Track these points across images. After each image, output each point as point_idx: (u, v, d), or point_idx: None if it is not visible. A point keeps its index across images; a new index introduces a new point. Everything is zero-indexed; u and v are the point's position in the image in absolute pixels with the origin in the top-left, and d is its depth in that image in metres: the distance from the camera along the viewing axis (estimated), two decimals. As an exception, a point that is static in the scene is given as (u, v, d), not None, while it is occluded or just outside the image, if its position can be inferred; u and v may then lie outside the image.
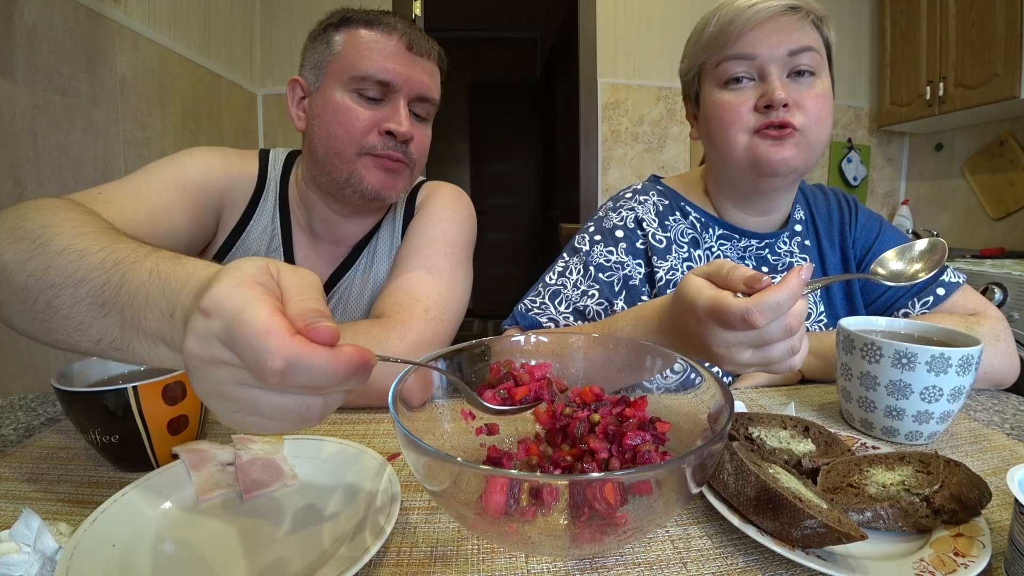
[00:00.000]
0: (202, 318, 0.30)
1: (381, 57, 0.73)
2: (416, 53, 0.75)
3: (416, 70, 0.76)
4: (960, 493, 0.40)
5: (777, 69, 0.71)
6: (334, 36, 0.76)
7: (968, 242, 2.56)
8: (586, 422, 0.43)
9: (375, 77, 0.73)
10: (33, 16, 1.34)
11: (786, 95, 0.70)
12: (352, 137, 0.74)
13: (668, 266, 0.80)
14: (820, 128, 0.73)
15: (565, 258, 0.84)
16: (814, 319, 0.83)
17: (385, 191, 0.78)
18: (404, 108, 0.75)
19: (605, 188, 2.70)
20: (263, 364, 0.27)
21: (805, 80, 0.72)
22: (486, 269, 5.00)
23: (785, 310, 0.43)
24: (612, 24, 2.61)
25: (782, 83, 0.71)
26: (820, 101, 0.72)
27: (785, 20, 0.71)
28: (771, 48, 0.71)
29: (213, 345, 0.29)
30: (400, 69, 0.74)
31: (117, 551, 0.37)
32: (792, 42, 0.70)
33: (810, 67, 0.72)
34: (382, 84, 0.74)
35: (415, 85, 0.76)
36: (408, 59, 0.75)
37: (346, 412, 0.65)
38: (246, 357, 0.28)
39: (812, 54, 0.71)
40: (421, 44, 0.76)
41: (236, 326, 0.28)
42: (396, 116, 0.75)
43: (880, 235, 0.85)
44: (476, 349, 0.49)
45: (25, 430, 0.60)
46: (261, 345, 0.27)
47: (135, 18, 1.73)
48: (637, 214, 0.83)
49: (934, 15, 2.33)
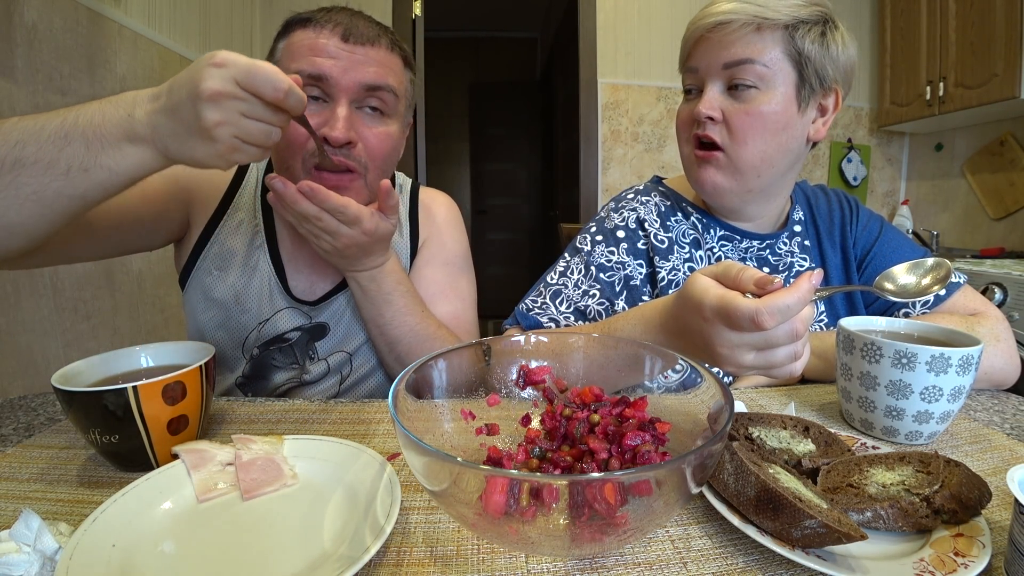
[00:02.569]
0: (216, 69, 0.48)
1: (312, 53, 0.67)
2: (355, 43, 0.68)
3: (355, 60, 0.68)
4: (960, 493, 0.40)
5: (716, 83, 0.71)
6: (278, 44, 0.72)
7: (968, 242, 2.56)
8: (586, 422, 0.43)
9: (305, 72, 0.66)
10: (33, 16, 1.34)
11: (711, 109, 0.70)
12: (293, 150, 0.69)
13: (670, 266, 0.79)
14: (744, 148, 0.70)
15: (566, 258, 0.84)
16: (814, 319, 0.83)
17: None
18: (344, 108, 0.68)
19: (605, 188, 2.70)
20: (279, 86, 0.50)
21: (742, 95, 0.70)
22: (486, 269, 5.00)
23: (794, 314, 0.43)
24: (612, 24, 2.61)
25: (712, 96, 0.70)
26: (751, 119, 0.69)
27: (723, 32, 0.68)
28: (708, 61, 0.70)
29: (229, 83, 0.48)
30: (332, 63, 0.67)
31: (117, 551, 0.37)
32: (728, 55, 0.69)
33: (747, 81, 0.69)
34: (315, 79, 0.67)
35: (356, 75, 0.68)
36: (344, 50, 0.67)
37: (346, 412, 0.65)
38: (264, 87, 0.50)
39: (755, 67, 0.68)
40: (361, 32, 0.69)
41: (254, 68, 0.49)
42: (330, 119, 0.67)
43: (881, 235, 0.85)
44: (476, 349, 0.49)
45: (25, 430, 0.60)
46: (276, 76, 0.50)
47: (135, 18, 1.73)
48: (639, 214, 0.83)
49: (934, 15, 2.33)
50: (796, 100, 0.70)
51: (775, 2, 0.68)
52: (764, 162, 0.72)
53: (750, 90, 0.69)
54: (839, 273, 0.85)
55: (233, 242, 0.80)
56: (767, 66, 0.68)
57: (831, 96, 0.73)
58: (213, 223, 0.80)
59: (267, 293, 0.81)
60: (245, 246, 0.81)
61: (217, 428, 0.60)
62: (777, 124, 0.70)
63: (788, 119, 0.71)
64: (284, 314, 0.81)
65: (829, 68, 0.70)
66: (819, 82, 0.71)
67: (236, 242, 0.80)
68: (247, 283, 0.80)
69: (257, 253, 0.81)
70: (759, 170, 0.73)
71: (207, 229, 0.80)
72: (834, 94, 0.73)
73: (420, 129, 2.58)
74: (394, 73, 0.72)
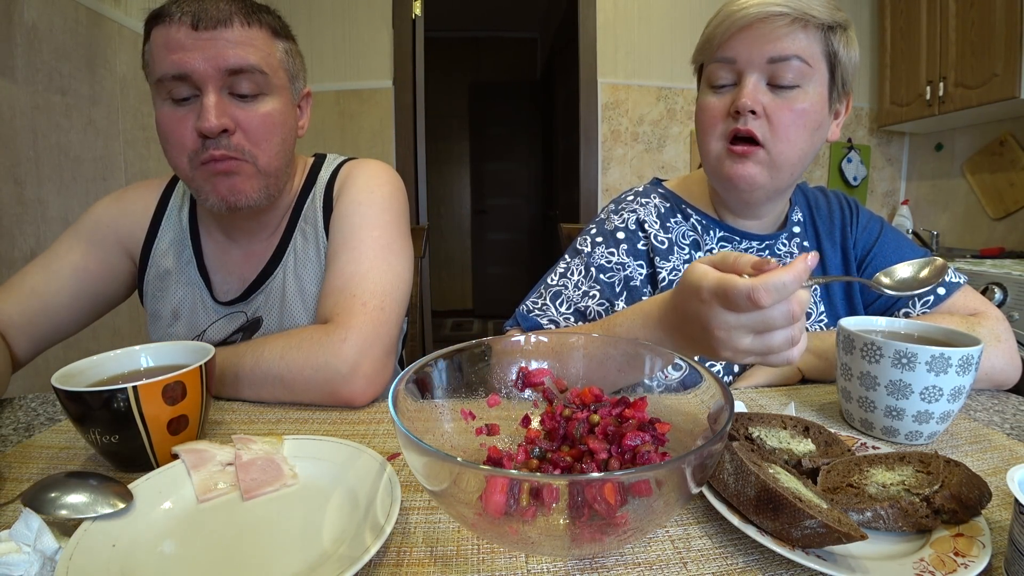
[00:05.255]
0: None
1: (168, 51, 0.65)
2: (205, 28, 0.65)
3: (209, 46, 0.65)
4: (960, 493, 0.40)
5: (755, 75, 0.69)
6: (145, 47, 0.69)
7: (968, 242, 2.56)
8: (585, 423, 0.43)
9: (168, 74, 0.65)
10: (33, 16, 1.34)
11: (755, 102, 0.68)
12: (176, 150, 0.68)
13: (671, 267, 0.80)
14: (786, 145, 0.70)
15: (567, 260, 0.85)
16: (814, 319, 0.83)
17: (232, 198, 0.70)
18: (212, 97, 0.66)
19: (605, 188, 2.70)
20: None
21: (785, 92, 0.69)
22: (486, 269, 5.01)
23: (790, 292, 0.43)
24: (612, 24, 2.61)
25: (755, 89, 0.69)
26: (793, 116, 0.69)
27: (772, 25, 0.67)
28: (750, 53, 0.69)
29: None
30: (189, 56, 0.64)
31: (117, 551, 0.37)
32: (774, 49, 0.67)
33: (791, 78, 0.68)
34: (181, 79, 0.65)
35: (214, 63, 0.65)
36: (195, 39, 0.65)
37: (346, 412, 0.65)
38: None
39: (798, 64, 0.68)
40: (210, 15, 0.65)
41: None
42: (201, 112, 0.66)
43: (881, 236, 0.85)
44: (476, 349, 0.49)
45: (25, 430, 0.60)
46: None
47: (135, 18, 1.73)
48: (639, 216, 0.83)
49: (934, 15, 2.33)
50: (828, 100, 0.72)
51: (816, 2, 0.68)
52: (800, 160, 0.72)
53: (792, 88, 0.69)
54: (838, 272, 0.86)
55: (166, 262, 0.83)
56: (810, 64, 0.68)
57: (845, 99, 0.75)
58: (147, 248, 0.84)
59: (200, 304, 0.83)
60: (176, 263, 0.83)
61: (217, 428, 0.60)
62: (814, 123, 0.70)
63: (822, 119, 0.72)
64: (220, 324, 0.83)
65: (850, 71, 0.72)
66: (843, 84, 0.72)
67: (168, 261, 0.83)
68: (182, 298, 0.83)
69: (188, 268, 0.83)
70: (794, 168, 0.72)
71: (143, 255, 0.84)
72: (847, 97, 0.75)
73: (420, 129, 2.58)
74: (256, 49, 0.68)
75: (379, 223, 0.79)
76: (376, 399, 0.68)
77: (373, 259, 0.75)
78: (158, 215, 0.84)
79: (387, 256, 0.76)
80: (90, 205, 0.85)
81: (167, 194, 0.86)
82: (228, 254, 0.83)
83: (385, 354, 0.70)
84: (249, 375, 0.67)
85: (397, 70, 2.52)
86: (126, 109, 1.70)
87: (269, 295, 0.82)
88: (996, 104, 2.09)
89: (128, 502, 0.41)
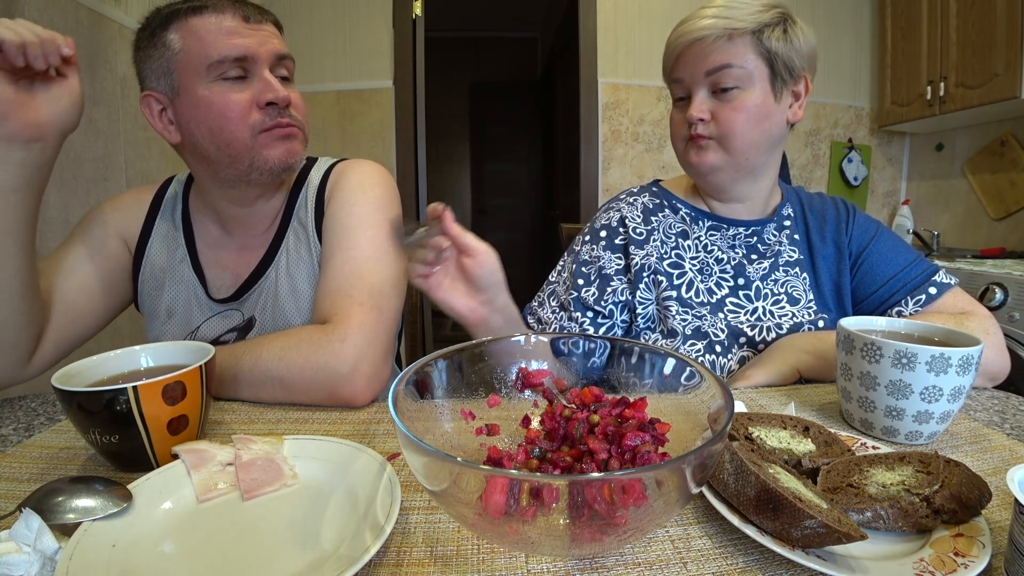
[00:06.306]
0: None
1: (226, 36, 0.71)
2: (255, 22, 0.74)
3: (262, 36, 0.74)
4: (960, 493, 0.40)
5: (701, 89, 0.81)
6: (167, 36, 0.73)
7: (969, 242, 2.56)
8: (585, 423, 0.43)
9: (231, 56, 0.71)
10: (33, 16, 1.34)
11: (701, 112, 0.80)
12: (238, 123, 0.73)
13: (644, 253, 0.87)
14: (735, 137, 0.80)
15: (563, 259, 0.93)
16: (803, 305, 0.86)
17: (290, 159, 0.77)
18: (270, 76, 0.74)
19: (605, 188, 2.70)
20: None
21: (727, 95, 0.79)
22: (486, 269, 5.00)
23: None
24: (612, 24, 2.61)
25: (700, 101, 0.81)
26: (736, 114, 0.79)
27: (703, 44, 0.78)
28: (692, 71, 0.81)
29: None
30: (249, 41, 0.72)
31: (117, 551, 0.37)
32: (708, 63, 0.79)
33: (731, 83, 0.78)
34: (240, 61, 0.72)
35: (269, 48, 0.74)
36: (250, 29, 0.74)
37: (346, 412, 0.65)
38: None
39: (733, 71, 0.78)
40: (255, 14, 0.75)
41: None
42: (268, 86, 0.73)
43: (877, 236, 0.88)
44: (476, 349, 0.49)
45: (25, 430, 0.60)
46: None
47: (135, 18, 1.73)
48: (623, 214, 0.91)
49: (934, 15, 2.33)
50: (772, 92, 0.80)
51: (740, 12, 0.77)
52: (754, 145, 0.82)
53: (732, 91, 0.79)
54: (830, 264, 0.89)
55: (160, 259, 0.84)
56: (743, 67, 0.78)
57: (801, 82, 0.83)
58: (141, 248, 0.85)
59: (194, 301, 0.83)
60: (170, 260, 0.84)
61: (217, 428, 0.60)
62: (759, 115, 0.80)
63: (768, 109, 0.80)
64: (214, 321, 0.83)
65: (795, 59, 0.80)
66: (789, 73, 0.80)
67: (162, 259, 0.84)
68: (176, 296, 0.84)
69: (181, 265, 0.84)
70: (750, 151, 0.82)
71: (137, 253, 0.85)
72: (803, 80, 0.83)
73: (420, 130, 2.58)
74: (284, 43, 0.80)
75: (373, 223, 0.80)
76: (376, 399, 0.68)
77: (368, 259, 0.77)
78: (151, 215, 0.86)
79: (382, 256, 0.78)
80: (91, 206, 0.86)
81: (159, 196, 0.88)
82: (223, 250, 0.84)
83: (384, 354, 0.71)
84: (248, 376, 0.67)
85: (397, 70, 2.52)
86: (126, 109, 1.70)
87: (262, 293, 0.82)
88: (997, 104, 2.08)
89: (128, 502, 0.41)
